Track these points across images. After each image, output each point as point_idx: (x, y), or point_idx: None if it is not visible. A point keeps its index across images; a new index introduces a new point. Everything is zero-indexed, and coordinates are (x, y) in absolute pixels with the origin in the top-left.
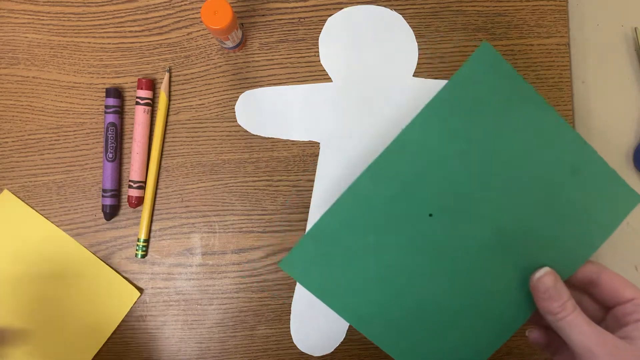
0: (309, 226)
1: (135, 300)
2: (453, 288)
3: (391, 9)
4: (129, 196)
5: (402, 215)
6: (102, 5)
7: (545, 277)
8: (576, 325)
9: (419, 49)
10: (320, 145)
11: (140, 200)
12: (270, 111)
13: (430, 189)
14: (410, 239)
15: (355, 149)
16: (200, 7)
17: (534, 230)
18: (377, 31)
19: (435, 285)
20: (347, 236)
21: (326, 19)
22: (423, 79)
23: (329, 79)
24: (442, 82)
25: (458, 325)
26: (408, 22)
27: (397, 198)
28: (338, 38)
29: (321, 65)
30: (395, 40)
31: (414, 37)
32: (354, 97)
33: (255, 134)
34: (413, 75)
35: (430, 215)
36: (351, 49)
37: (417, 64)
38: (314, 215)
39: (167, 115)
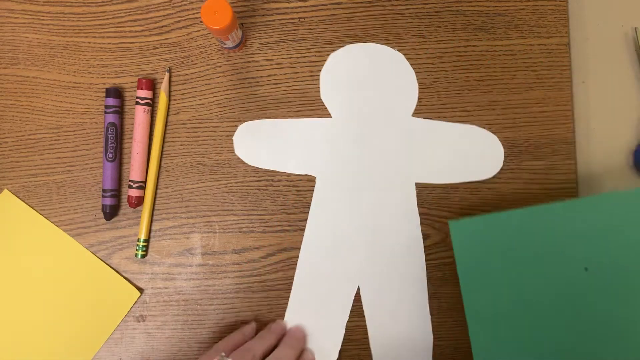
0: (308, 226)
1: (135, 300)
2: (569, 346)
3: (393, 48)
4: (129, 196)
5: (565, 255)
6: (102, 5)
7: None
8: None
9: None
10: (317, 180)
11: (140, 200)
12: (268, 144)
13: (603, 251)
14: (559, 279)
15: (350, 185)
16: (200, 7)
17: None
18: (378, 69)
19: (557, 334)
20: (513, 242)
21: (326, 19)
22: (422, 119)
23: None
24: (441, 123)
25: None
26: (408, 22)
27: (571, 241)
28: (339, 75)
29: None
30: (395, 79)
31: (415, 76)
32: (352, 134)
33: (252, 165)
34: (412, 115)
35: (586, 269)
36: (352, 86)
37: (417, 64)
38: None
39: (167, 115)
